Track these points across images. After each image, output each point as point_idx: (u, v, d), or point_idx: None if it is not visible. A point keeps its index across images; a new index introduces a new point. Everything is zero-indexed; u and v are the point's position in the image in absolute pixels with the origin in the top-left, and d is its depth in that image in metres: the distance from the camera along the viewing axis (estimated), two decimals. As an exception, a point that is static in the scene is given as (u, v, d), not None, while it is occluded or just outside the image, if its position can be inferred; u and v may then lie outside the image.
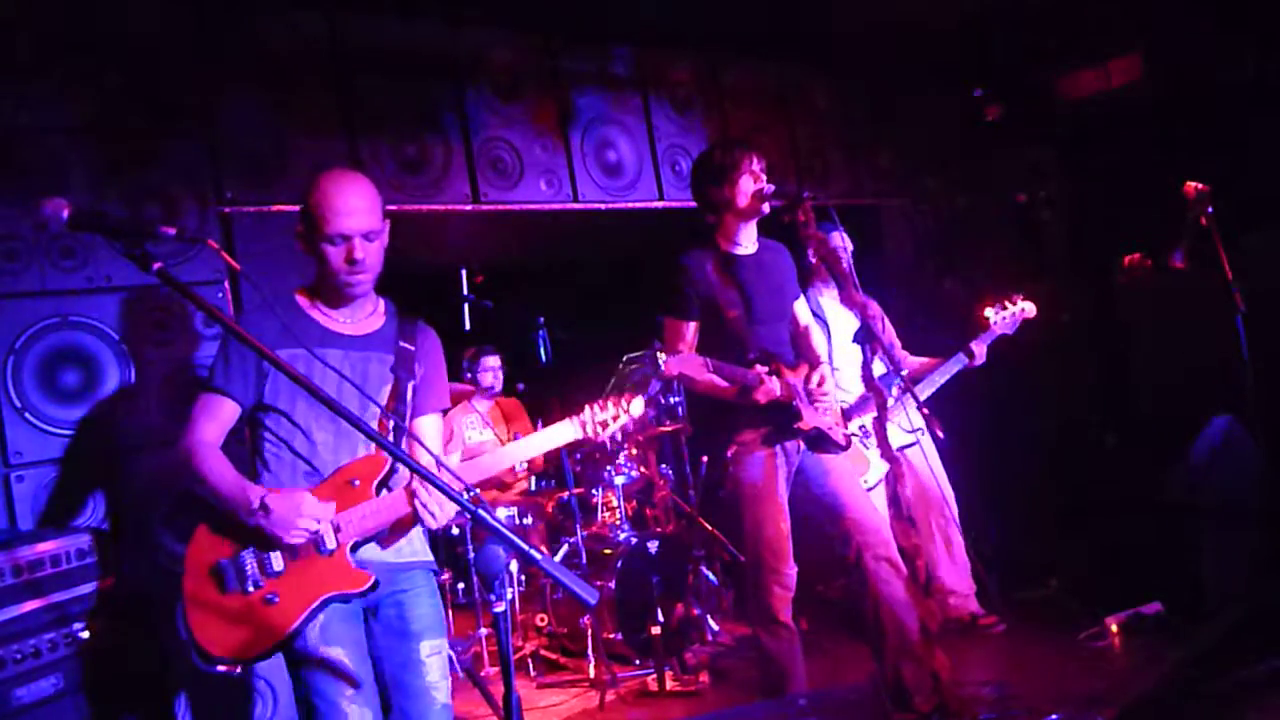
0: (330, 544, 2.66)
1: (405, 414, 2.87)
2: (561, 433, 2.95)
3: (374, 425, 2.75)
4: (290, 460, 2.75)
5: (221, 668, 2.58)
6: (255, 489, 2.62)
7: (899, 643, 3.69)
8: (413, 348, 2.91)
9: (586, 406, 2.95)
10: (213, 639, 2.57)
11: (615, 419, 2.95)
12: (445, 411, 3.12)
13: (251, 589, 2.61)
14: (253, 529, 2.60)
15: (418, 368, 2.92)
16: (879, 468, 4.66)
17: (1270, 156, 5.06)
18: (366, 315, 2.89)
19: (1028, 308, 4.84)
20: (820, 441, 3.82)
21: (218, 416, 2.73)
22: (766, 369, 3.63)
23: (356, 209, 2.70)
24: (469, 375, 6.14)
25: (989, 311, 4.79)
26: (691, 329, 3.74)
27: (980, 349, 4.74)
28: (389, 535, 2.79)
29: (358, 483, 2.74)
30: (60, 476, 3.59)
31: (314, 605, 2.63)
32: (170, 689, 3.50)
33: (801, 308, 4.08)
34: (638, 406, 2.98)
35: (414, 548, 2.87)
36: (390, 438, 2.81)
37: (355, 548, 2.71)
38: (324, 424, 2.75)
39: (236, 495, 2.61)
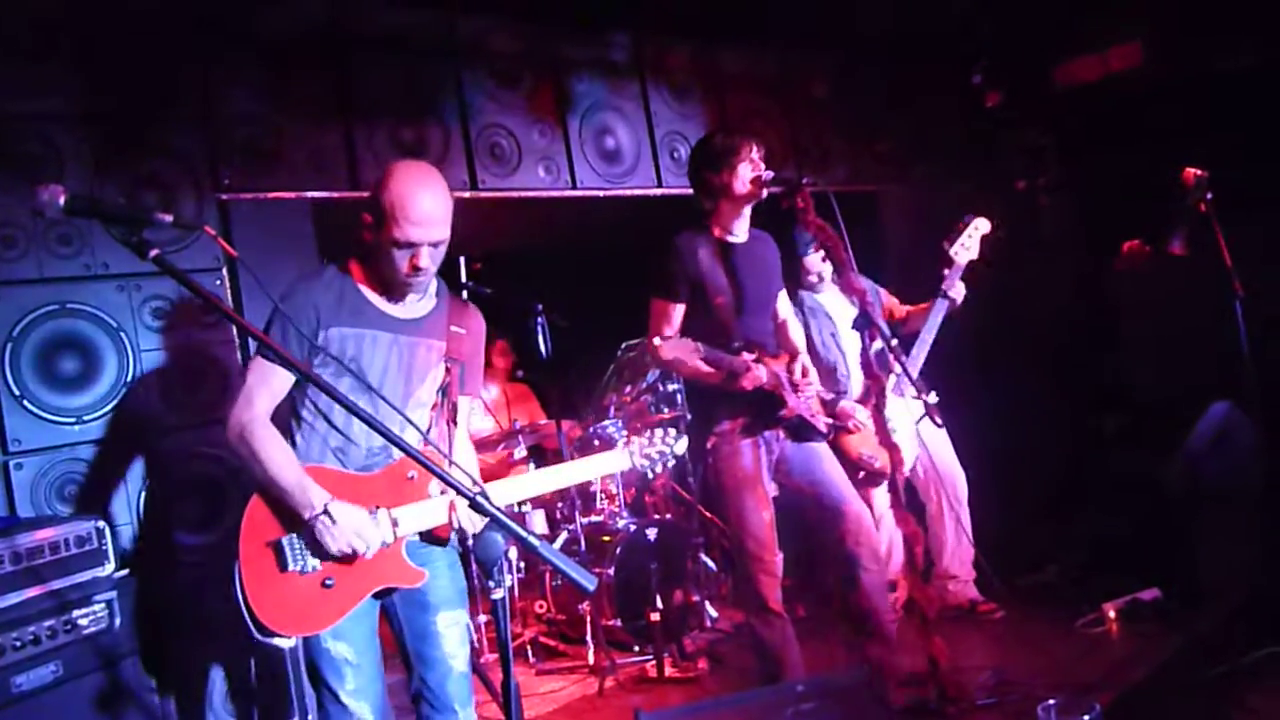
0: (388, 537, 2.68)
1: (453, 400, 2.90)
2: (611, 462, 3.06)
3: (419, 412, 2.83)
4: (324, 432, 2.76)
5: (276, 640, 2.63)
6: (320, 491, 2.62)
7: (873, 627, 3.78)
8: (464, 331, 2.92)
9: (634, 438, 3.04)
10: (269, 612, 2.60)
11: (660, 454, 3.06)
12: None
13: (311, 570, 2.65)
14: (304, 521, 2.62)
15: (466, 352, 2.93)
16: (911, 452, 4.64)
17: (1269, 143, 5.06)
18: (419, 300, 2.88)
19: (980, 224, 4.64)
20: (802, 429, 3.85)
21: (272, 387, 2.70)
22: (753, 357, 3.65)
23: (432, 219, 2.66)
24: None
25: (946, 245, 4.63)
26: (678, 311, 3.74)
27: (955, 287, 4.64)
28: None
29: (415, 476, 2.76)
30: (60, 464, 3.58)
31: (369, 594, 2.70)
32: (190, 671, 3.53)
33: (783, 301, 4.09)
34: (682, 445, 3.10)
35: None
36: (437, 425, 2.87)
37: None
38: (364, 403, 2.71)
39: (297, 491, 2.61)
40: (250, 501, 2.67)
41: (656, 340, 3.61)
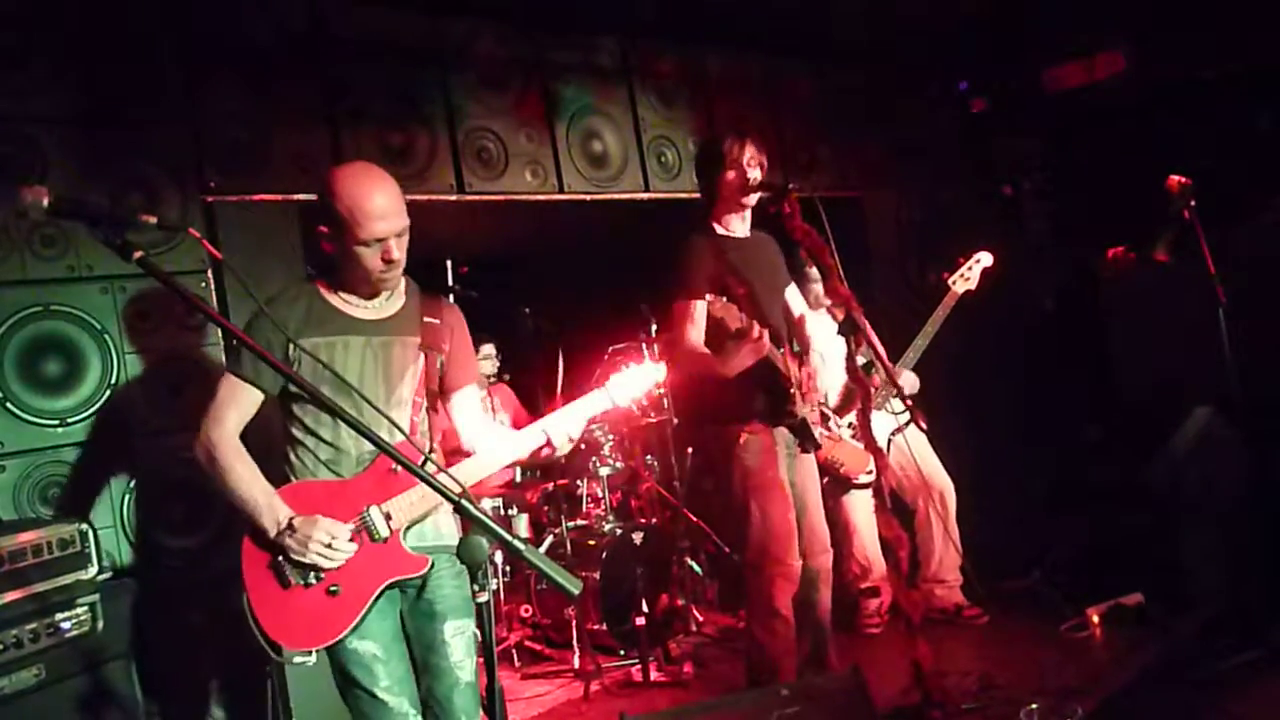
0: (384, 531, 2.69)
1: (433, 389, 2.91)
2: (592, 403, 2.94)
3: (402, 409, 2.80)
4: (314, 446, 2.76)
5: (297, 659, 2.64)
6: (283, 509, 2.64)
7: (812, 647, 3.86)
8: (438, 322, 2.93)
9: (610, 375, 2.97)
10: (283, 633, 2.62)
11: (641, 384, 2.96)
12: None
13: (314, 581, 2.65)
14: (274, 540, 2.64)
15: (445, 344, 2.93)
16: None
17: (1252, 150, 5.09)
18: (388, 299, 2.89)
19: (983, 257, 4.77)
20: (801, 436, 3.84)
21: (241, 405, 2.72)
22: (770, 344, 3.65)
23: (390, 210, 2.68)
24: None
25: (946, 276, 4.75)
26: (702, 309, 3.71)
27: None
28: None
29: (399, 468, 2.74)
30: (43, 466, 3.56)
31: (376, 592, 2.69)
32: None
33: (793, 296, 4.09)
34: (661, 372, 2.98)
35: (439, 532, 2.89)
36: (421, 417, 2.87)
37: (407, 531, 2.75)
38: (347, 406, 2.69)
39: (264, 510, 2.64)
40: (248, 531, 2.69)
41: (689, 342, 3.64)
